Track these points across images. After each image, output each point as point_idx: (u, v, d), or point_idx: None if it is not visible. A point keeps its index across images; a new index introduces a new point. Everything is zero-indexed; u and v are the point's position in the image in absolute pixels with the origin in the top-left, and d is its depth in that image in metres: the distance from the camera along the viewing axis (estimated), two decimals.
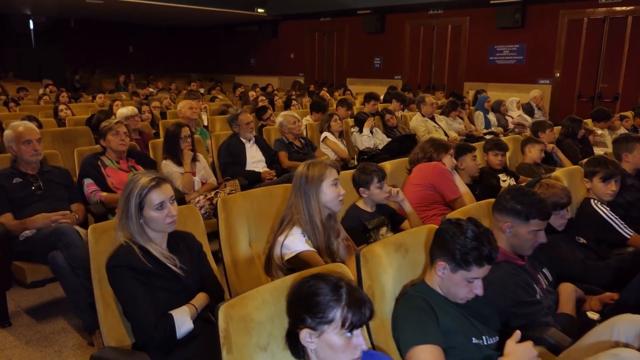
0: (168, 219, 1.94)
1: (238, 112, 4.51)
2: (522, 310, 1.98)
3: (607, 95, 9.55)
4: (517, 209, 2.12)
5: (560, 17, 9.80)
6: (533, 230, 2.11)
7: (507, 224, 2.14)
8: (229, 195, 3.70)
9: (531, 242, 2.14)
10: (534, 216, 2.10)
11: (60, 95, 7.59)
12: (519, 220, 2.12)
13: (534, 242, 2.14)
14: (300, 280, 1.45)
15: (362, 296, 1.41)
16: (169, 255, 1.97)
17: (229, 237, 2.38)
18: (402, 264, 1.89)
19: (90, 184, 3.45)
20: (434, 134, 6.25)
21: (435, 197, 3.14)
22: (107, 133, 3.58)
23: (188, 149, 3.99)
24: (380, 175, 2.80)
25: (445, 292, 1.78)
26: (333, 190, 2.18)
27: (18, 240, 2.98)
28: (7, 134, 3.19)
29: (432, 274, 1.79)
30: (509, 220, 2.14)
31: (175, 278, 1.95)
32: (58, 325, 3.18)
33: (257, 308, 1.42)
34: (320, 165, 2.18)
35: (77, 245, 2.85)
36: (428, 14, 11.75)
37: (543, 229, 2.16)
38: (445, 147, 3.34)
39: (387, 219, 2.89)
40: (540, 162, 4.60)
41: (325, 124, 5.36)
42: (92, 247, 1.98)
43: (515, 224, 2.13)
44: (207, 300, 2.01)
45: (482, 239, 1.69)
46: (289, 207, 2.22)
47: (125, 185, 1.95)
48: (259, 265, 2.46)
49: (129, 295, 1.84)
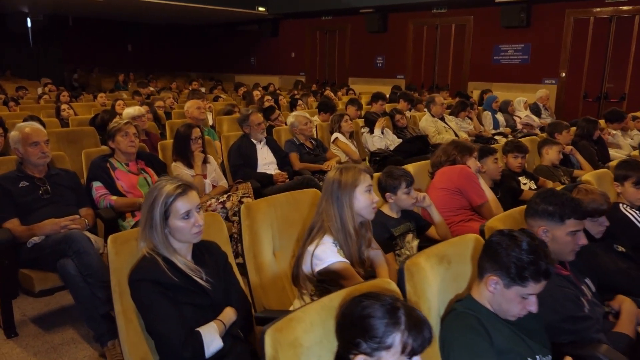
0: (195, 229, 1.81)
1: (249, 112, 4.37)
2: (573, 326, 1.86)
3: (613, 95, 9.48)
4: (549, 210, 2.02)
5: (566, 16, 9.71)
6: (571, 232, 2.00)
7: (541, 228, 2.03)
8: (243, 198, 3.61)
9: (571, 246, 2.01)
10: (569, 216, 2.00)
11: (61, 95, 7.44)
12: (553, 223, 2.01)
13: (575, 245, 2.02)
14: (351, 300, 1.32)
15: (421, 318, 1.28)
16: (194, 268, 1.84)
17: (253, 245, 2.25)
18: (445, 277, 1.76)
19: (99, 187, 3.31)
20: (444, 134, 6.14)
21: (461, 202, 3.02)
22: (115, 134, 3.44)
23: (199, 150, 3.86)
24: (408, 180, 2.68)
25: (495, 309, 1.66)
26: (367, 196, 2.05)
27: (25, 247, 2.83)
28: (13, 135, 3.05)
29: (482, 288, 1.66)
30: (543, 223, 2.03)
31: (201, 292, 1.82)
32: (67, 335, 3.04)
33: (306, 331, 1.30)
34: (354, 171, 2.05)
35: (89, 253, 2.71)
36: (431, 12, 11.65)
37: (581, 230, 2.04)
38: (470, 150, 3.22)
39: (412, 225, 2.77)
40: (558, 164, 4.49)
41: (336, 125, 5.23)
42: (112, 258, 1.84)
43: (550, 227, 2.02)
44: (235, 315, 1.88)
45: (539, 252, 1.57)
46: (319, 214, 2.09)
47: (149, 192, 1.82)
48: (283, 276, 2.33)
49: (154, 311, 1.71)
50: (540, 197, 2.08)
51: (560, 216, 1.99)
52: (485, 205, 3.02)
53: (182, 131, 3.85)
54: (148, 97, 8.70)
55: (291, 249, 2.39)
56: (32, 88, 10.43)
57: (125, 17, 15.57)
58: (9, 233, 2.80)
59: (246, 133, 4.40)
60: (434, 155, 3.31)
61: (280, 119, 5.70)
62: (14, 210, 2.91)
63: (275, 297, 2.25)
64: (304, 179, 4.06)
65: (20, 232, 2.83)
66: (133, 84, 12.53)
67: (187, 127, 3.87)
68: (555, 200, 2.04)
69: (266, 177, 4.20)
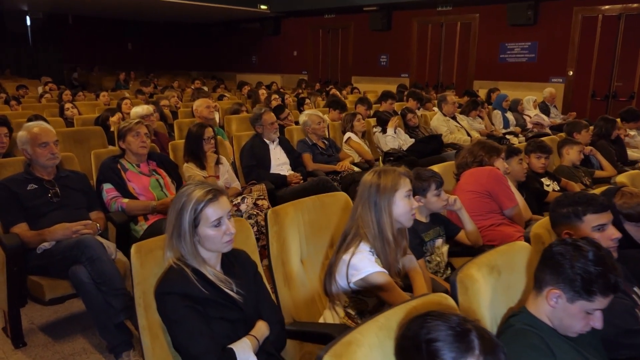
0: (226, 237, 1.67)
1: (262, 111, 4.23)
2: (631, 340, 1.73)
3: (622, 94, 9.36)
4: (564, 212, 1.99)
5: (574, 13, 9.59)
6: (595, 227, 1.94)
7: (565, 233, 1.96)
8: (258, 200, 3.48)
9: (604, 242, 1.87)
10: (584, 212, 1.95)
11: (63, 94, 7.28)
12: (573, 223, 1.96)
13: (607, 241, 1.91)
14: (413, 321, 1.19)
15: (495, 341, 1.15)
16: (224, 279, 1.70)
17: (281, 253, 2.11)
18: (496, 289, 1.63)
19: (110, 189, 3.17)
20: (457, 134, 6.02)
21: (491, 205, 2.89)
22: (126, 134, 3.29)
23: (211, 151, 3.72)
24: (438, 181, 2.55)
25: (555, 324, 1.52)
26: (407, 202, 1.92)
27: (35, 252, 2.69)
28: (21, 136, 2.90)
29: (540, 302, 1.53)
30: (565, 228, 1.98)
31: (233, 305, 1.68)
32: (77, 344, 2.91)
33: (365, 356, 1.16)
34: (394, 174, 1.91)
35: (102, 259, 2.58)
36: (436, 10, 11.52)
37: (609, 223, 1.96)
38: (498, 150, 3.08)
39: (442, 230, 2.64)
40: (579, 165, 4.37)
41: (349, 124, 5.10)
42: (136, 269, 1.70)
43: (572, 229, 1.96)
44: (267, 329, 1.74)
45: (607, 264, 1.44)
46: (354, 220, 1.96)
47: (176, 199, 1.68)
48: (311, 285, 2.20)
49: (183, 327, 1.58)
50: (555, 205, 2.06)
51: (576, 214, 1.96)
52: (515, 209, 2.89)
53: (194, 131, 3.71)
54: (151, 95, 8.54)
55: (319, 256, 2.26)
56: (32, 87, 10.25)
57: (126, 15, 15.40)
58: (18, 238, 2.66)
59: (258, 133, 4.26)
60: (459, 156, 3.18)
61: (290, 118, 5.57)
62: (22, 214, 2.77)
63: (305, 308, 2.11)
64: (319, 181, 3.93)
65: (29, 238, 2.69)
66: (134, 82, 12.37)
67: (200, 126, 3.73)
68: (566, 201, 2.02)
69: (280, 179, 4.07)
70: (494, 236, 2.81)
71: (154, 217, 3.17)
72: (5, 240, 2.63)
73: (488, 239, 2.79)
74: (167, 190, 3.33)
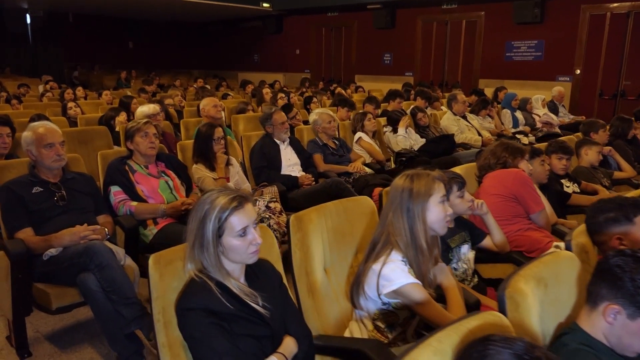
0: (252, 248, 1.55)
1: (272, 110, 4.10)
2: None
3: (630, 93, 9.24)
4: (611, 217, 1.92)
5: (581, 11, 9.47)
6: None
7: (615, 237, 1.89)
8: (270, 203, 3.35)
9: None
10: (634, 212, 1.90)
11: (65, 92, 7.14)
12: (623, 226, 1.91)
13: None
14: (473, 347, 1.07)
15: None
16: (249, 292, 1.58)
17: (305, 262, 1.99)
18: (544, 303, 1.51)
19: (117, 192, 3.04)
20: (467, 133, 5.90)
21: (517, 209, 2.76)
22: (134, 134, 3.17)
23: (221, 151, 3.60)
24: (459, 182, 2.43)
25: (612, 342, 1.40)
26: (441, 208, 1.79)
27: (40, 259, 2.56)
28: (26, 136, 2.78)
29: (596, 318, 1.41)
30: (614, 232, 1.89)
31: (260, 320, 1.56)
32: (85, 355, 2.78)
33: None
34: (428, 178, 1.79)
35: (112, 266, 2.45)
36: (441, 8, 11.39)
37: None
38: (522, 152, 2.96)
39: (467, 235, 2.52)
40: (597, 165, 4.25)
41: (359, 124, 4.97)
42: (154, 282, 1.58)
43: (622, 232, 1.89)
44: (296, 346, 1.62)
45: None
46: (384, 226, 1.83)
47: (197, 206, 1.55)
48: (334, 296, 2.08)
49: (208, 345, 1.45)
50: (595, 211, 1.99)
51: (626, 216, 1.91)
52: (542, 214, 2.77)
53: (203, 131, 3.59)
54: (154, 94, 8.41)
55: (343, 264, 2.14)
56: (33, 86, 10.12)
57: (127, 13, 15.26)
58: (23, 244, 2.53)
59: (269, 133, 4.14)
60: (481, 157, 3.05)
61: (297, 117, 5.44)
62: (27, 218, 2.64)
63: (331, 320, 1.99)
64: (332, 182, 3.80)
65: (35, 243, 2.56)
66: (136, 81, 12.24)
67: (209, 126, 3.60)
68: (610, 206, 1.96)
69: (291, 180, 3.94)
70: (521, 242, 2.69)
71: (164, 221, 3.05)
72: (10, 246, 2.50)
73: (515, 244, 2.66)
74: (176, 192, 3.21)
